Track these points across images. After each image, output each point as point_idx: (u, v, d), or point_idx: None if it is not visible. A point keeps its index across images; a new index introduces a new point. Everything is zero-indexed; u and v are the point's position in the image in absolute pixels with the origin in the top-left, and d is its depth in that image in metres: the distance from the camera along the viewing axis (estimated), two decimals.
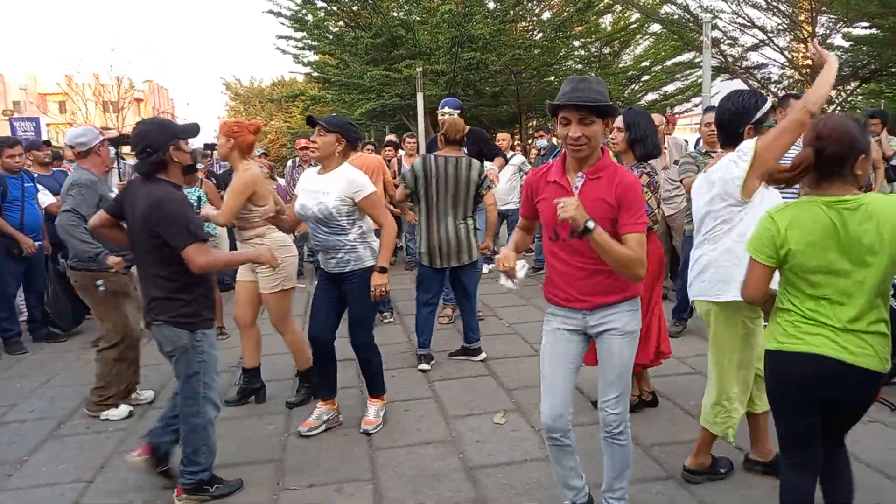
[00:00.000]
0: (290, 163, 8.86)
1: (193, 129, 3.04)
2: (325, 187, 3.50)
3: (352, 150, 3.71)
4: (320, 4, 18.70)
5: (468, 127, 5.39)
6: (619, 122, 3.68)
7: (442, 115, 5.60)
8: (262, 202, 3.91)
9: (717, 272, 2.82)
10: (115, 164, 5.67)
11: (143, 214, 2.76)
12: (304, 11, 18.54)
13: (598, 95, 2.28)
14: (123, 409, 4.09)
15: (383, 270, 3.56)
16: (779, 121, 4.97)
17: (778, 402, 2.25)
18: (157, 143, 2.80)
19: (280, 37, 20.33)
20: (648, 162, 3.76)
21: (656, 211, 3.68)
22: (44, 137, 13.18)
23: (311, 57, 21.56)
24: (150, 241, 2.80)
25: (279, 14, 18.87)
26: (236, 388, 4.34)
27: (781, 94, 17.52)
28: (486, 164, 6.29)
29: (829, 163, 2.04)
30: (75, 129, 4.20)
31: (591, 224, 2.21)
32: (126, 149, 5.88)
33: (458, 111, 5.56)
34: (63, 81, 35.35)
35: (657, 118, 5.92)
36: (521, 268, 2.45)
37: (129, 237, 2.95)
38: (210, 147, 7.04)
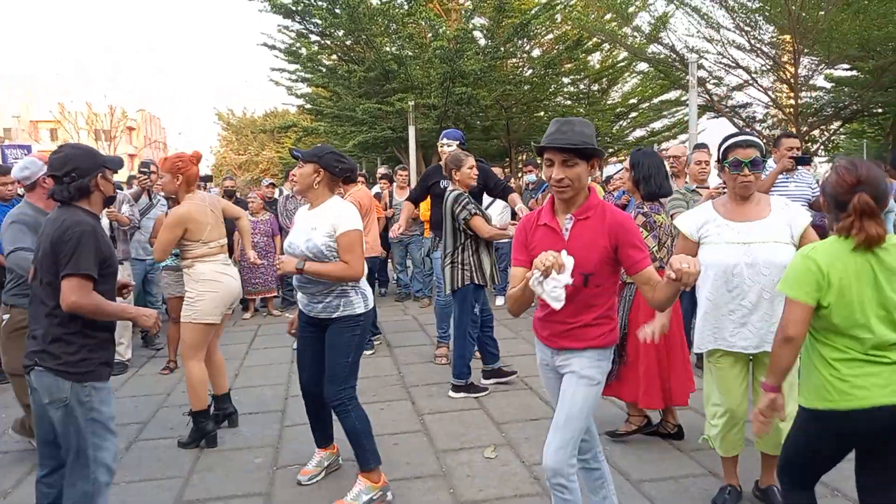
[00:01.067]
0: (281, 195, 8.87)
1: (119, 162, 2.93)
2: (314, 223, 3.24)
3: (337, 181, 3.40)
4: (314, 38, 19.00)
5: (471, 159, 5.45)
6: (626, 162, 3.79)
7: (441, 146, 5.63)
8: (196, 236, 3.98)
9: None
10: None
11: (54, 239, 2.52)
12: (298, 45, 18.81)
13: (583, 137, 2.30)
14: None
15: (300, 270, 3.15)
16: (774, 159, 5.10)
17: (817, 450, 2.31)
18: (85, 168, 2.63)
19: (274, 69, 20.58)
20: (660, 201, 3.84)
21: (654, 251, 3.73)
22: None
23: (305, 89, 21.83)
24: (52, 269, 2.53)
25: (273, 47, 19.14)
26: (210, 416, 4.14)
27: (766, 132, 17.93)
28: (489, 199, 6.39)
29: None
30: (20, 162, 3.97)
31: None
32: (117, 176, 5.89)
33: (458, 143, 5.55)
34: (56, 109, 35.43)
35: (679, 150, 6.05)
36: (566, 256, 2.24)
37: (34, 265, 2.66)
38: (145, 165, 7.01)
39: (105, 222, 5.56)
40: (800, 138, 16.30)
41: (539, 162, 2.62)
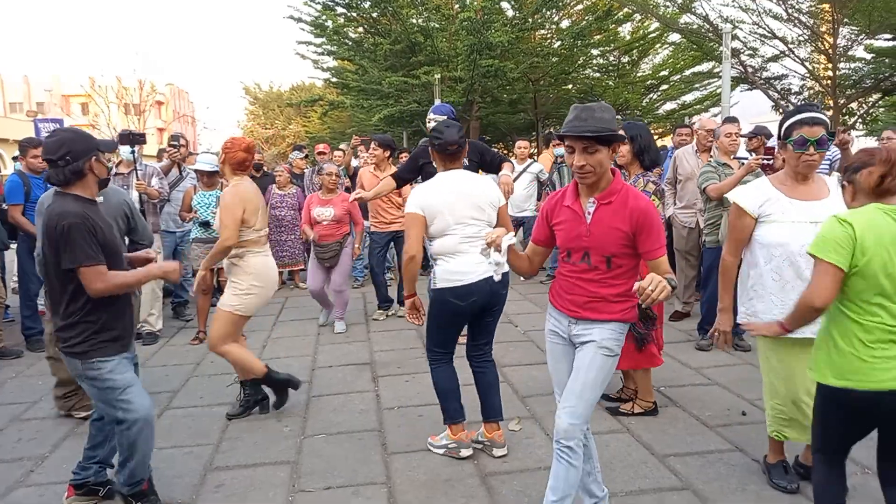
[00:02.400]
0: (307, 169, 8.89)
1: (112, 145, 3.01)
2: (480, 190, 3.40)
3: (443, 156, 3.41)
4: (340, 11, 18.87)
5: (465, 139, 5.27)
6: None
7: (427, 122, 5.03)
8: (250, 222, 3.93)
9: None
10: (134, 166, 5.76)
11: (46, 225, 2.63)
12: (324, 17, 18.73)
13: (602, 123, 2.30)
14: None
15: None
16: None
17: (836, 426, 2.29)
18: (79, 151, 2.68)
19: (300, 42, 20.54)
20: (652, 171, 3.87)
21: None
22: None
23: (331, 62, 21.78)
24: (52, 259, 2.66)
25: (299, 20, 19.09)
26: (238, 403, 4.18)
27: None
28: (491, 176, 6.25)
29: None
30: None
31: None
32: (144, 149, 5.94)
33: (446, 118, 4.89)
34: (87, 83, 35.89)
35: (712, 123, 5.85)
36: (508, 239, 2.47)
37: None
38: (175, 139, 7.06)
39: (135, 195, 5.64)
40: (837, 110, 15.86)
41: None
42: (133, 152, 5.71)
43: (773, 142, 4.87)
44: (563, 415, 2.44)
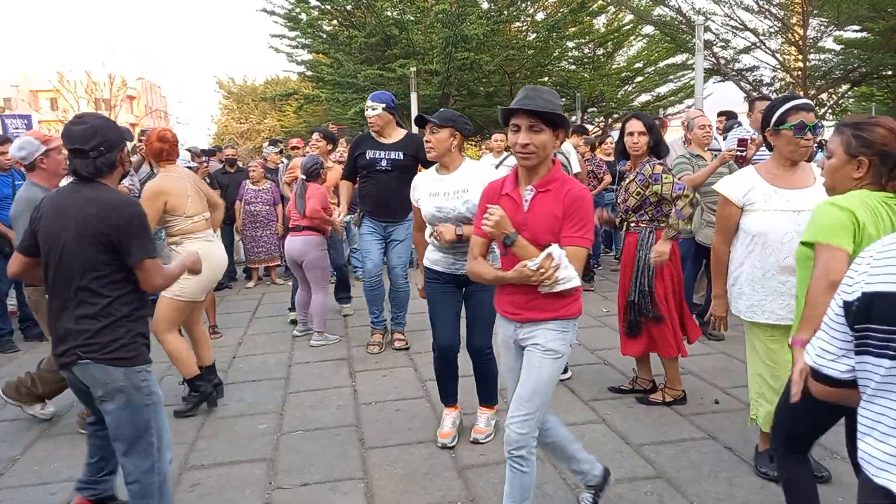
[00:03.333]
0: (281, 164, 8.81)
1: (129, 132, 2.88)
2: (464, 184, 3.32)
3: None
4: (314, 3, 18.75)
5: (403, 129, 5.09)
6: (638, 126, 3.80)
7: (366, 110, 5.08)
8: (179, 211, 3.93)
9: None
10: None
11: (92, 219, 2.31)
12: (297, 10, 18.57)
13: (550, 105, 2.29)
14: (51, 409, 4.06)
15: (461, 233, 3.30)
16: (750, 123, 5.01)
17: (811, 415, 2.26)
18: (114, 140, 2.43)
19: (274, 35, 20.33)
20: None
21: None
22: None
23: (305, 56, 21.58)
24: (91, 254, 2.32)
25: (272, 13, 18.89)
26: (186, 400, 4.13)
27: (773, 96, 17.69)
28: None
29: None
30: (16, 141, 3.87)
31: (511, 237, 2.28)
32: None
33: (384, 105, 4.98)
34: (55, 78, 35.17)
35: (707, 119, 5.66)
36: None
37: (46, 257, 2.42)
38: (208, 153, 7.04)
39: None
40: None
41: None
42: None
43: (743, 132, 4.92)
44: (513, 425, 2.39)
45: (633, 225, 3.93)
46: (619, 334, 4.08)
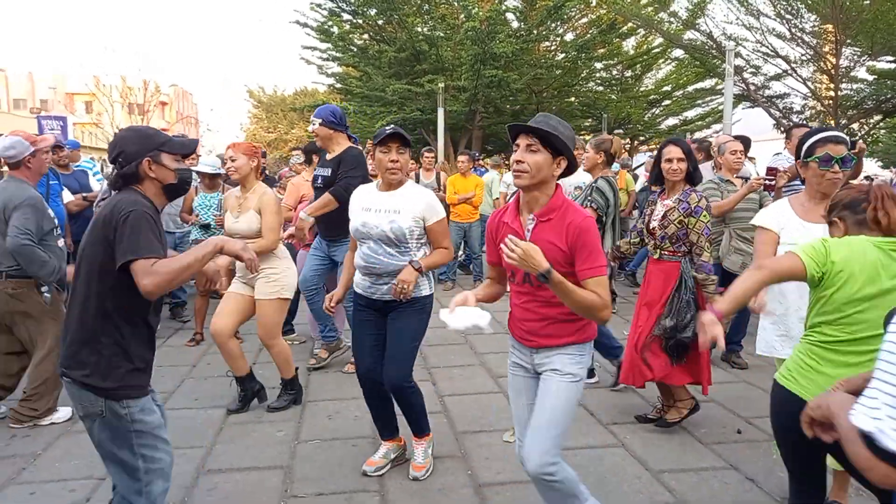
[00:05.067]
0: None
1: (189, 145, 2.53)
2: (398, 206, 3.17)
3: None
4: (346, 17, 18.97)
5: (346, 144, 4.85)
6: (677, 152, 3.77)
7: (311, 123, 4.89)
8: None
9: None
10: None
11: (101, 217, 2.24)
12: (330, 23, 18.81)
13: (555, 131, 2.28)
14: (65, 412, 4.11)
15: (419, 270, 3.17)
16: (788, 149, 4.95)
17: (786, 428, 2.20)
18: (131, 152, 2.32)
19: (305, 47, 20.62)
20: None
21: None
22: (70, 137, 13.39)
23: (335, 68, 21.82)
24: (93, 253, 2.22)
25: (305, 25, 19.16)
26: (237, 398, 4.31)
27: (811, 125, 17.53)
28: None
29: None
30: (4, 140, 3.91)
31: (546, 270, 2.16)
32: None
33: (321, 121, 4.71)
34: (91, 82, 35.98)
35: (737, 144, 5.55)
36: (480, 318, 2.29)
37: (76, 270, 2.32)
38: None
39: None
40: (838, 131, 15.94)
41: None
42: None
43: (775, 162, 4.87)
44: (532, 456, 2.32)
45: (667, 254, 3.79)
46: (634, 364, 3.85)
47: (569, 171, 2.37)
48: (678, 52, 19.36)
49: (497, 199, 8.88)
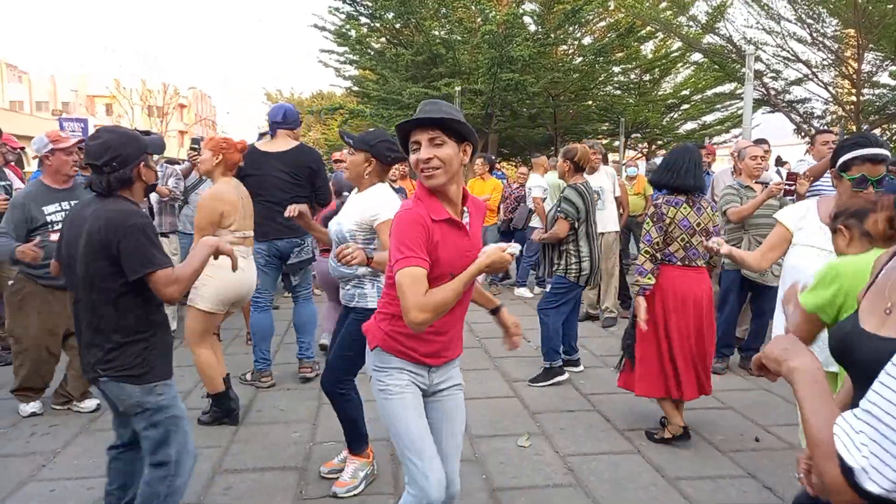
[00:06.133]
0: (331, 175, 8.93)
1: (160, 144, 2.61)
2: (347, 209, 3.19)
3: (388, 168, 3.23)
4: (364, 21, 19.06)
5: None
6: (759, 149, 3.77)
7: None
8: (226, 222, 3.91)
9: None
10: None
11: (95, 231, 2.26)
12: (347, 27, 18.92)
13: (451, 116, 2.04)
14: (90, 403, 4.24)
15: (369, 259, 2.97)
16: (813, 156, 4.89)
17: None
18: (128, 155, 2.34)
19: (323, 50, 20.80)
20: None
21: (658, 242, 3.66)
22: None
23: (352, 71, 21.95)
24: (95, 267, 2.28)
25: (323, 28, 19.29)
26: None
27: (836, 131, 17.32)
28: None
29: None
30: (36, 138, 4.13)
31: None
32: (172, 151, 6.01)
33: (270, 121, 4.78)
34: (112, 85, 36.46)
35: (758, 150, 5.46)
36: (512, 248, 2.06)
37: (66, 267, 2.41)
38: (196, 142, 7.16)
39: (153, 195, 5.71)
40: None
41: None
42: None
43: (796, 167, 4.82)
44: (455, 481, 2.27)
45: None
46: (675, 377, 3.70)
47: (475, 152, 2.21)
48: (697, 56, 19.22)
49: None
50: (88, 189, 2.42)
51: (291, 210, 3.39)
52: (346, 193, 5.55)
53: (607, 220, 6.39)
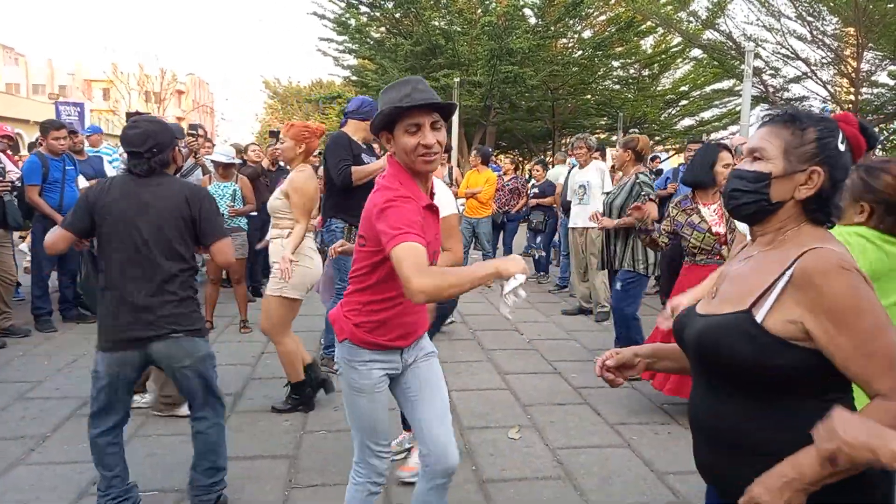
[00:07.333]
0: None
1: (181, 131, 3.15)
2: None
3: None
4: (363, 10, 18.98)
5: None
6: (729, 157, 3.93)
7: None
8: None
9: None
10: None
11: (178, 202, 2.67)
12: (347, 16, 18.84)
13: (447, 102, 2.03)
14: (149, 398, 4.09)
15: None
16: None
17: None
18: (164, 141, 2.71)
19: (322, 39, 20.71)
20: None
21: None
22: (87, 123, 13.50)
23: (351, 61, 21.86)
24: (173, 237, 2.66)
25: (323, 17, 19.19)
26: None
27: None
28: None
29: None
30: None
31: None
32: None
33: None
34: (109, 69, 36.24)
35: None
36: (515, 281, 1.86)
37: (116, 240, 2.64)
38: (193, 128, 7.15)
39: None
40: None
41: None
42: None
43: None
44: (453, 450, 2.22)
45: (705, 258, 3.92)
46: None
47: None
48: (696, 52, 19.22)
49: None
50: (130, 173, 2.70)
51: None
52: None
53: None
